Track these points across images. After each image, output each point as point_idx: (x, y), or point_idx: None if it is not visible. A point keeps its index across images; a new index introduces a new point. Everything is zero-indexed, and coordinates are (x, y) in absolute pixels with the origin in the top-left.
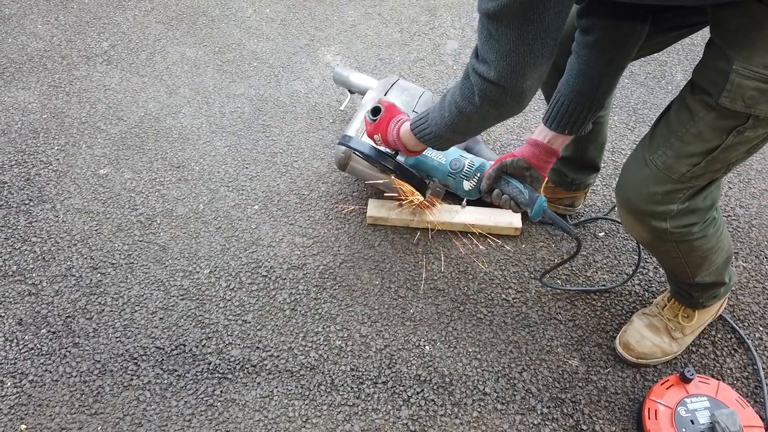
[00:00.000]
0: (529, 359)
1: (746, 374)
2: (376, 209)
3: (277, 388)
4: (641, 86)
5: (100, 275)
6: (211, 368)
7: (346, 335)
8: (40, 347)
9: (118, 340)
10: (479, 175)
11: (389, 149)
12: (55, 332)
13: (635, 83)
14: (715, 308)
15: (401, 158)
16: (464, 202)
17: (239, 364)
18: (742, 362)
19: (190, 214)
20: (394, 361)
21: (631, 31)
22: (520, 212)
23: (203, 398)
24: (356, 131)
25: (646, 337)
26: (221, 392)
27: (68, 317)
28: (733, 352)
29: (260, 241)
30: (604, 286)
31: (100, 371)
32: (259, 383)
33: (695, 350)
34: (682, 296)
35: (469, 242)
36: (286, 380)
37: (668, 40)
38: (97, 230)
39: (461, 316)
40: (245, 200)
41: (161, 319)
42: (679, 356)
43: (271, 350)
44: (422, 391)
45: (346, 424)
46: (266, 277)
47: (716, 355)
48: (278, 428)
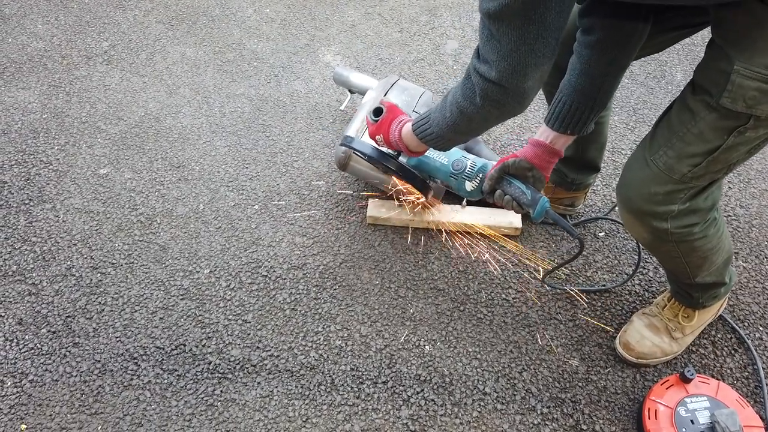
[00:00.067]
0: (529, 359)
1: (746, 374)
2: (376, 209)
3: (277, 387)
4: (641, 86)
5: (100, 275)
6: (211, 368)
7: (346, 335)
8: (40, 347)
9: (118, 339)
10: (481, 175)
11: (391, 150)
12: (55, 332)
13: (635, 83)
14: (715, 308)
15: (403, 159)
16: (464, 202)
17: (239, 363)
18: (742, 362)
19: (190, 213)
20: (394, 360)
21: (632, 30)
22: (522, 213)
23: (203, 398)
24: (356, 131)
25: (646, 337)
26: (221, 392)
27: (68, 317)
28: (733, 352)
29: (260, 240)
30: (604, 286)
31: (100, 371)
32: (259, 383)
33: (695, 350)
34: (682, 296)
35: (469, 242)
36: (286, 380)
37: (669, 40)
38: (97, 230)
39: (461, 316)
40: (245, 200)
41: (161, 318)
42: (679, 356)
43: (271, 350)
44: (422, 390)
45: (346, 423)
46: (266, 276)
47: (716, 355)
48: (278, 428)
